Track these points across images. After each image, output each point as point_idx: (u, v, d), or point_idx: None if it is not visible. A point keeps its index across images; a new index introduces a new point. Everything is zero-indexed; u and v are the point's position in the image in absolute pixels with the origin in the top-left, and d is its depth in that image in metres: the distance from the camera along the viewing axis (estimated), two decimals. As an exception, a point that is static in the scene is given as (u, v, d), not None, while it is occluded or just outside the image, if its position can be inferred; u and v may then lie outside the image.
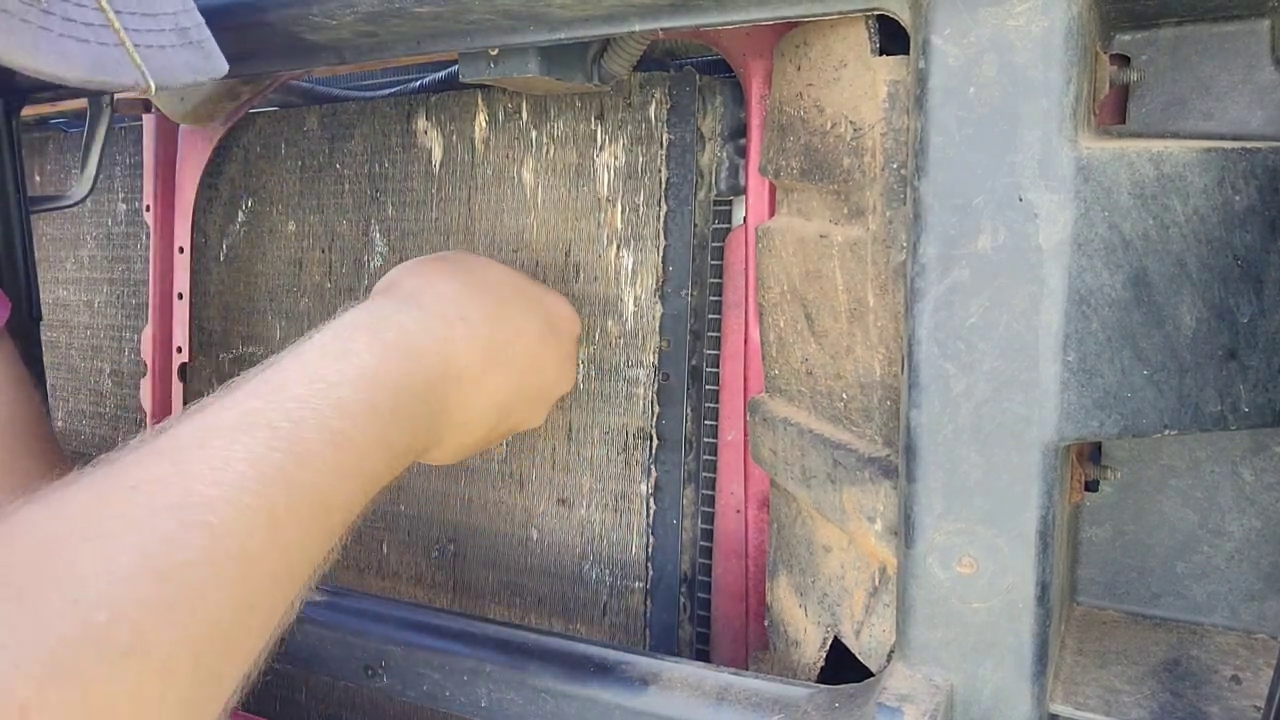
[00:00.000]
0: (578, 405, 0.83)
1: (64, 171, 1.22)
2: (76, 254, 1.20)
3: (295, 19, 0.60)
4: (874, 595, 0.60)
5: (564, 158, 0.83)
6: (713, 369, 0.80)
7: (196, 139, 1.05)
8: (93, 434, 1.21)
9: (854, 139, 0.58)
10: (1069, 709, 0.50)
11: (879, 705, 0.48)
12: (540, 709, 0.61)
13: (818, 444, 0.63)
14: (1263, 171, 0.46)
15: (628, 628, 0.82)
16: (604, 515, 0.83)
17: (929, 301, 0.47)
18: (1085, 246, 0.44)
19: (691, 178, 0.78)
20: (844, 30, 0.58)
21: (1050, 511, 0.46)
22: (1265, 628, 0.56)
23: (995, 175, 0.45)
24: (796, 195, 0.68)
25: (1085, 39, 0.44)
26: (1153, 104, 0.54)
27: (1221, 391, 0.47)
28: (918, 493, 0.49)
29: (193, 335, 1.07)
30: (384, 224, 0.93)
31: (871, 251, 0.57)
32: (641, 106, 0.79)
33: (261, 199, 1.02)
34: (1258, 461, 0.55)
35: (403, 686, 0.67)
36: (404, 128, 0.92)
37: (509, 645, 0.65)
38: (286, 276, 1.00)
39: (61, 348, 1.22)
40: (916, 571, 0.49)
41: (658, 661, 0.60)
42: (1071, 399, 0.45)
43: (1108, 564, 0.59)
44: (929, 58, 0.45)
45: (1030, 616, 0.47)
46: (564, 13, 0.55)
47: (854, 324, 0.60)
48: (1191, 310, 0.46)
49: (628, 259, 0.80)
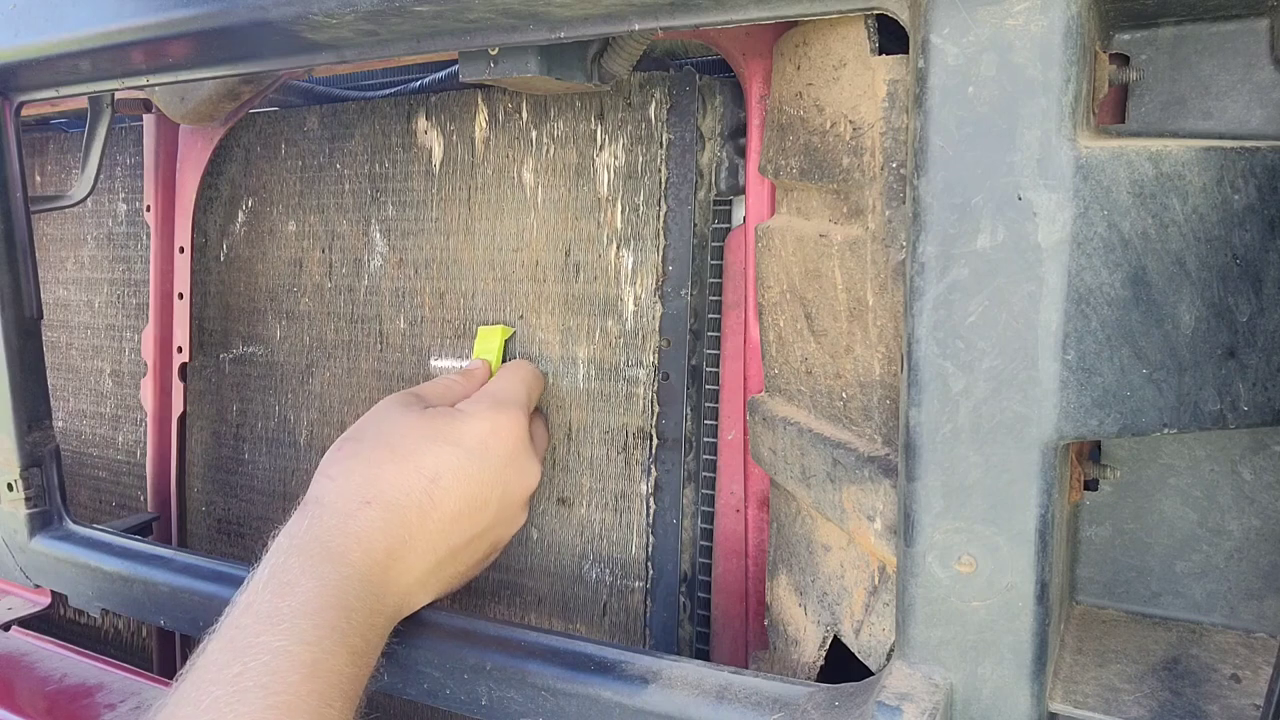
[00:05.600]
0: (578, 405, 0.83)
1: (64, 171, 1.22)
2: (77, 254, 1.20)
3: (295, 18, 0.60)
4: (873, 594, 0.60)
5: (564, 157, 0.83)
6: (713, 369, 0.80)
7: (196, 139, 1.05)
8: (93, 434, 1.21)
9: (853, 138, 0.58)
10: (1068, 707, 0.50)
11: (878, 704, 0.48)
12: (540, 707, 0.61)
13: (817, 443, 0.63)
14: (1262, 170, 0.46)
15: (628, 627, 0.82)
16: (604, 515, 0.83)
17: (928, 300, 0.47)
18: (1084, 245, 0.44)
19: (691, 177, 0.78)
20: (843, 30, 0.58)
21: (1049, 510, 0.46)
22: (1264, 626, 0.56)
23: (994, 174, 0.45)
24: (796, 195, 0.68)
25: (1084, 38, 0.44)
26: (1152, 103, 0.54)
27: (1220, 390, 0.47)
28: (917, 492, 0.49)
29: (193, 335, 1.07)
30: (384, 224, 0.93)
31: (871, 251, 0.57)
32: (641, 106, 0.79)
33: (262, 199, 1.02)
34: (1257, 460, 0.55)
35: (403, 685, 0.67)
36: (404, 128, 0.92)
37: (509, 644, 0.65)
38: (286, 276, 1.00)
39: (61, 348, 1.22)
40: (916, 570, 0.49)
41: (658, 660, 0.60)
42: (1071, 398, 0.45)
43: (1107, 563, 0.59)
44: (928, 57, 0.46)
45: (1030, 615, 0.47)
46: (564, 12, 0.55)
47: (853, 323, 0.60)
48: (1190, 309, 0.46)
49: (628, 258, 0.80)
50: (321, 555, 0.61)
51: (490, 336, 0.84)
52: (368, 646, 0.60)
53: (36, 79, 0.81)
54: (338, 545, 0.62)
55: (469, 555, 0.71)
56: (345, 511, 0.64)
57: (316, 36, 0.62)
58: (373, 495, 0.65)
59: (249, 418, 1.05)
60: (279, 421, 1.02)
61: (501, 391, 0.76)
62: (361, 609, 0.60)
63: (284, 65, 0.68)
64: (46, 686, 1.02)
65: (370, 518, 0.64)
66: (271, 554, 0.62)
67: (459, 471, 0.68)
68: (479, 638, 0.66)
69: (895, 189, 0.55)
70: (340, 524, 0.63)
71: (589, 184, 0.82)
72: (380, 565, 0.63)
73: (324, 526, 0.63)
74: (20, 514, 0.88)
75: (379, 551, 0.64)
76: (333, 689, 0.55)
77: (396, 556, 0.64)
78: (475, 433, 0.70)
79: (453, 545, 0.68)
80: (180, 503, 1.11)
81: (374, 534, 0.64)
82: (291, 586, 0.58)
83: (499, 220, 0.86)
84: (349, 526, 0.63)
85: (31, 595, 1.05)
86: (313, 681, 0.54)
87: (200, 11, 0.63)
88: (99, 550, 0.85)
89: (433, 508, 0.67)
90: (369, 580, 0.62)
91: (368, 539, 0.63)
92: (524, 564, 0.87)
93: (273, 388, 1.03)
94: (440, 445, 0.68)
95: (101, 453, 1.21)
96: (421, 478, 0.67)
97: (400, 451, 0.67)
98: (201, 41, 0.67)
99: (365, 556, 0.63)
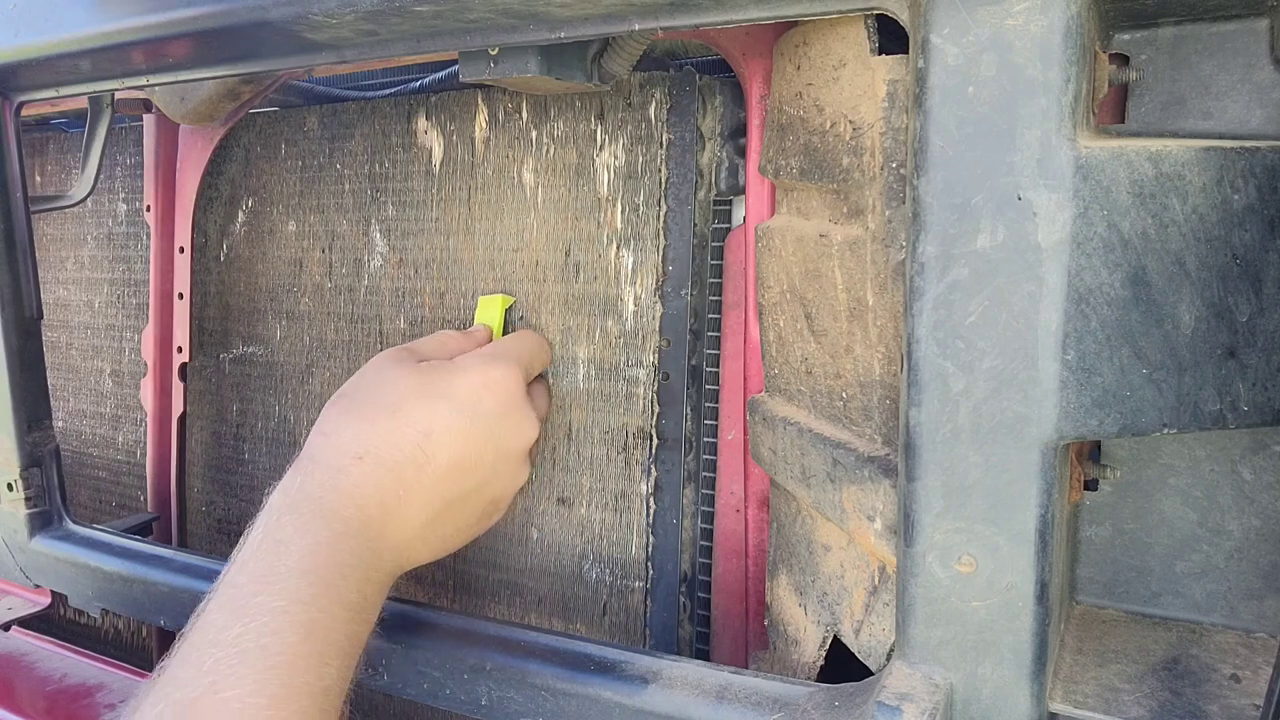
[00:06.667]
0: (578, 405, 0.83)
1: (64, 171, 1.22)
2: (77, 254, 1.20)
3: (295, 18, 0.60)
4: (873, 594, 0.60)
5: (564, 157, 0.83)
6: (713, 369, 0.80)
7: (196, 139, 1.05)
8: (93, 434, 1.21)
9: (853, 138, 0.58)
10: (1068, 707, 0.50)
11: (878, 704, 0.48)
12: (541, 707, 0.61)
13: (817, 443, 0.63)
14: (1261, 170, 0.46)
15: (628, 627, 0.82)
16: (604, 515, 0.83)
17: (928, 300, 0.47)
18: (1084, 245, 0.44)
19: (691, 177, 0.78)
20: (843, 30, 0.58)
21: (1049, 510, 0.46)
22: (1264, 626, 0.56)
23: (994, 174, 0.45)
24: (796, 195, 0.68)
25: (1084, 38, 0.44)
26: (1152, 103, 0.54)
27: (1220, 390, 0.47)
28: (917, 491, 0.49)
29: (193, 335, 1.07)
30: (384, 224, 0.93)
31: (871, 251, 0.57)
32: (641, 106, 0.79)
33: (261, 199, 1.02)
34: (1257, 460, 0.55)
35: (403, 685, 0.67)
36: (404, 128, 0.92)
37: (509, 644, 0.65)
38: (286, 276, 1.00)
39: (61, 348, 1.22)
40: (916, 570, 0.49)
41: (658, 660, 0.60)
42: (1070, 398, 0.45)
43: (1107, 563, 0.59)
44: (928, 57, 0.46)
45: (1029, 615, 0.47)
46: (564, 12, 0.55)
47: (853, 323, 0.60)
48: (1190, 309, 0.46)
49: (628, 258, 0.80)
50: (314, 512, 0.61)
51: (490, 305, 0.84)
52: (365, 603, 0.60)
53: (36, 79, 0.81)
54: (330, 501, 0.62)
55: (467, 512, 0.70)
56: (337, 467, 0.64)
57: (316, 36, 0.62)
58: (364, 450, 0.65)
59: (249, 418, 1.05)
60: (279, 421, 1.02)
61: (498, 348, 0.76)
62: (357, 565, 0.60)
63: (284, 65, 0.68)
64: (46, 686, 1.02)
65: (362, 472, 0.64)
66: (265, 512, 0.61)
67: (451, 425, 0.67)
68: (479, 638, 0.66)
69: (895, 189, 0.55)
70: (332, 479, 0.63)
71: (589, 184, 0.82)
72: (375, 520, 0.63)
73: (316, 482, 0.63)
74: (20, 514, 0.88)
75: (372, 506, 0.63)
76: (330, 648, 0.55)
77: (391, 511, 0.64)
78: (467, 386, 0.69)
79: (448, 499, 0.67)
80: (180, 503, 1.11)
81: (366, 488, 0.63)
82: (285, 545, 0.58)
83: (499, 220, 0.86)
84: (341, 482, 0.63)
85: (31, 595, 1.05)
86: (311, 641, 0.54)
87: (200, 11, 0.63)
88: (99, 550, 0.85)
89: (426, 462, 0.66)
90: (364, 536, 0.62)
91: (360, 494, 0.63)
92: (524, 564, 0.87)
93: (273, 388, 1.03)
94: (432, 400, 0.68)
95: (101, 453, 1.21)
96: (414, 431, 0.66)
97: (392, 407, 0.67)
98: (201, 41, 0.67)
99: (359, 512, 0.62)
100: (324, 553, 0.59)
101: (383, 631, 0.68)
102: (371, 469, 0.64)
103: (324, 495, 0.62)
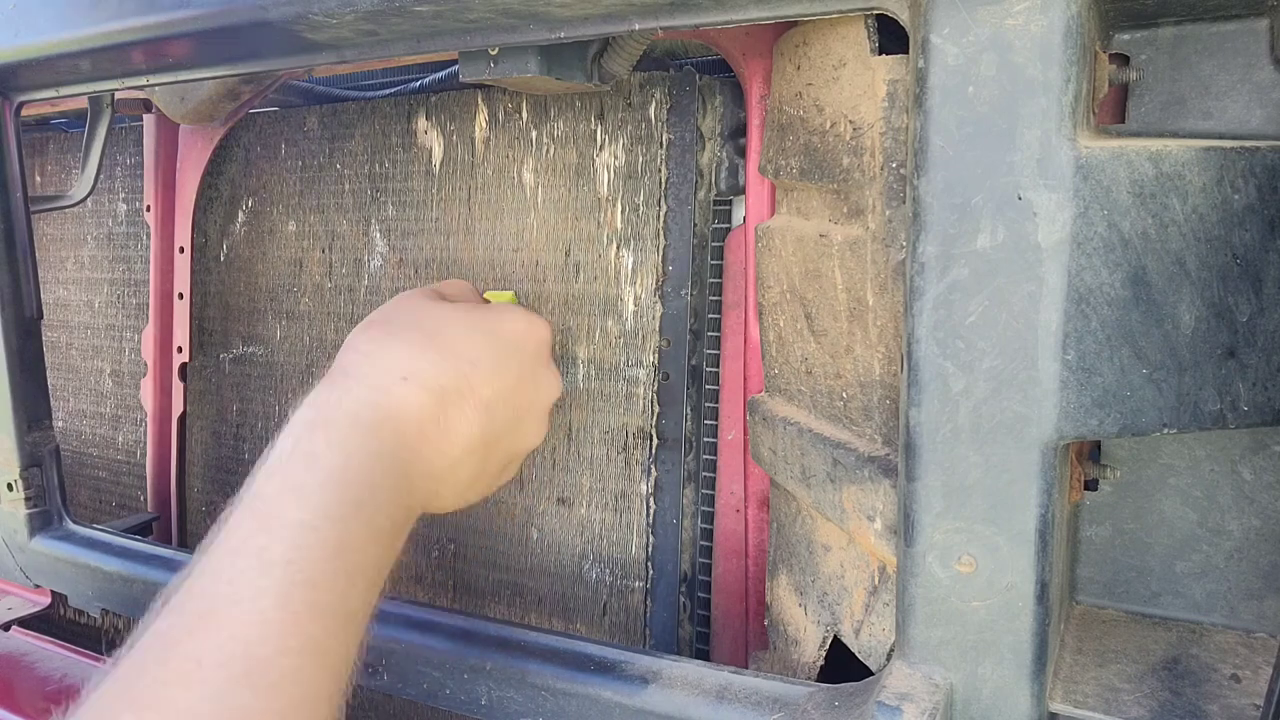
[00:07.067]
0: (578, 405, 0.83)
1: (64, 171, 1.23)
2: (77, 254, 1.20)
3: (295, 18, 0.60)
4: (873, 594, 0.60)
5: (564, 157, 0.83)
6: (713, 369, 0.80)
7: (196, 139, 1.05)
8: (93, 434, 1.21)
9: (853, 138, 0.58)
10: (1068, 707, 0.50)
11: (878, 704, 0.48)
12: (541, 707, 0.61)
13: (817, 443, 0.63)
14: (1261, 170, 0.46)
15: (628, 627, 0.82)
16: (604, 515, 0.83)
17: (928, 300, 0.47)
18: (1084, 245, 0.44)
19: (691, 177, 0.78)
20: (843, 29, 0.58)
21: (1049, 510, 0.46)
22: (1265, 626, 0.56)
23: (994, 174, 0.45)
24: (796, 195, 0.68)
25: (1084, 38, 0.44)
26: (1152, 103, 0.54)
27: (1220, 390, 0.47)
28: (917, 491, 0.49)
29: (193, 335, 1.07)
30: (384, 224, 0.93)
31: (871, 251, 0.57)
32: (641, 106, 0.79)
33: (261, 199, 1.02)
34: (1257, 460, 0.55)
35: (403, 685, 0.67)
36: (404, 128, 0.92)
37: (509, 644, 0.65)
38: (286, 276, 1.00)
39: (61, 348, 1.22)
40: (916, 570, 0.49)
41: (658, 660, 0.60)
42: (1071, 398, 0.45)
43: (1107, 563, 0.59)
44: (928, 57, 0.46)
45: (1029, 615, 0.47)
46: (564, 12, 0.55)
47: (854, 323, 0.60)
48: (1190, 309, 0.46)
49: (628, 258, 0.80)
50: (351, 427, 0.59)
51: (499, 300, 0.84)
52: (394, 529, 0.58)
53: (36, 79, 0.81)
54: (368, 418, 0.60)
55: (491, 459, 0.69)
56: (380, 386, 0.62)
57: (316, 36, 0.62)
58: (410, 372, 0.63)
59: (249, 418, 1.05)
60: (279, 421, 1.02)
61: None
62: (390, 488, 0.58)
63: (284, 65, 0.68)
64: (46, 686, 1.02)
65: (406, 393, 0.62)
66: (293, 425, 0.59)
67: (496, 360, 0.66)
68: (479, 638, 0.66)
69: (895, 189, 0.55)
70: (372, 397, 0.61)
71: (589, 184, 0.82)
72: (411, 445, 0.61)
73: (354, 399, 0.60)
74: (20, 514, 0.88)
75: (411, 430, 0.61)
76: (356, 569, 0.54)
77: (428, 438, 0.62)
78: (512, 326, 0.69)
79: (483, 435, 0.66)
80: (180, 503, 1.11)
81: (408, 410, 0.61)
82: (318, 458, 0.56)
83: (499, 220, 0.86)
84: (382, 400, 0.61)
85: (31, 595, 1.05)
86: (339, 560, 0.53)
87: (200, 11, 0.63)
88: (99, 550, 0.85)
89: (470, 392, 0.65)
90: (399, 458, 0.60)
91: (402, 415, 0.61)
92: (524, 564, 0.87)
93: (273, 388, 1.03)
94: (478, 334, 0.67)
95: (101, 453, 1.21)
96: (462, 361, 0.65)
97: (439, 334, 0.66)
98: (201, 41, 0.67)
99: (396, 434, 0.60)
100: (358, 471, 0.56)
101: (383, 631, 0.68)
102: (415, 391, 0.62)
103: (362, 412, 0.60)
